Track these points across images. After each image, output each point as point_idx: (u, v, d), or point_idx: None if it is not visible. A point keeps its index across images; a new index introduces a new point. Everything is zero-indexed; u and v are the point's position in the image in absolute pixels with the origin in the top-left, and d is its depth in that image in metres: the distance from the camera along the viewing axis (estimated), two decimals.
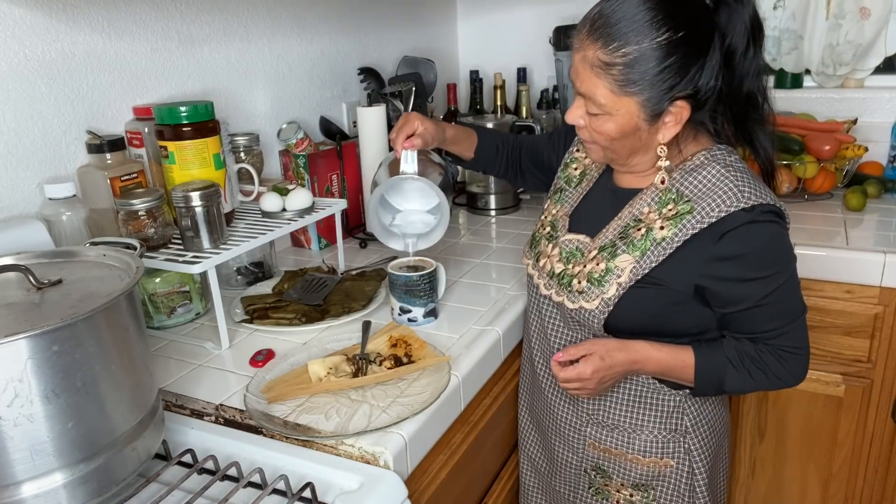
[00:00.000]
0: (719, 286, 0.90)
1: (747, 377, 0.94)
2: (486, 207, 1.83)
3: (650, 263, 0.92)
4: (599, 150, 0.97)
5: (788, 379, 0.95)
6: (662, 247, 0.91)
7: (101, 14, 1.20)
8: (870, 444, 1.57)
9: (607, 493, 1.08)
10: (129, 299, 0.75)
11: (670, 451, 1.02)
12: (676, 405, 1.01)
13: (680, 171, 0.93)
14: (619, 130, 0.90)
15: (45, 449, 0.66)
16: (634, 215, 0.96)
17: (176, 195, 1.08)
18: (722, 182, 0.89)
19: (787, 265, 0.91)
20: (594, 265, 0.96)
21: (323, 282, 1.28)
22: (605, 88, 0.87)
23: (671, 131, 0.90)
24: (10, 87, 1.08)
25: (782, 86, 2.06)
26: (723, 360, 0.94)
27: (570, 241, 1.03)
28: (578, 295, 0.97)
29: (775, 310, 0.92)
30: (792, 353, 0.94)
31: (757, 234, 0.87)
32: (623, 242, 0.95)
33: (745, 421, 1.67)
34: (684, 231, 0.89)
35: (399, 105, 1.66)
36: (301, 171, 1.56)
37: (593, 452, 1.07)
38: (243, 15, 1.51)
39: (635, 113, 0.88)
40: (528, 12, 2.29)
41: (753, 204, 0.87)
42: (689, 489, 1.04)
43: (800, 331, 0.94)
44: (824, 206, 1.75)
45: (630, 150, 0.94)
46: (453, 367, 1.02)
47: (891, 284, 1.43)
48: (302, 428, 0.88)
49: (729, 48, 0.87)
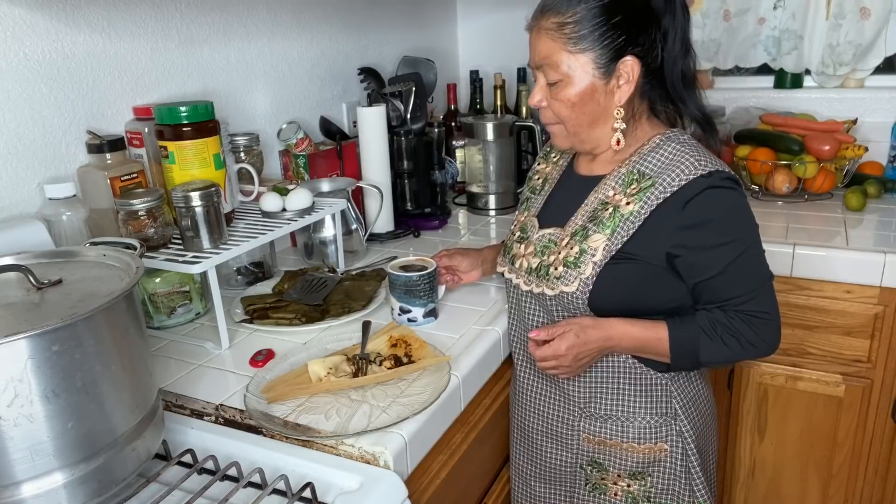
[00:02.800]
0: (687, 254, 0.95)
1: (721, 345, 0.97)
2: (486, 207, 1.84)
3: (622, 238, 0.97)
4: (563, 131, 1.02)
5: (760, 345, 0.98)
6: (631, 221, 0.96)
7: (101, 14, 1.20)
8: (870, 444, 1.57)
9: (604, 488, 1.09)
10: (129, 299, 0.75)
11: (664, 434, 1.04)
12: (664, 388, 1.04)
13: (638, 155, 1.00)
14: (579, 93, 0.97)
15: (45, 449, 0.66)
16: (600, 199, 1.01)
17: (176, 195, 1.08)
18: (679, 156, 0.96)
19: (749, 231, 0.96)
20: (568, 250, 1.01)
21: (323, 282, 1.28)
22: (561, 50, 0.95)
23: (626, 91, 0.96)
24: (10, 87, 1.08)
25: (782, 86, 2.06)
26: (695, 329, 0.97)
27: (542, 236, 1.07)
28: (557, 281, 1.01)
29: (741, 276, 0.96)
30: (760, 318, 0.97)
31: (718, 200, 0.93)
32: (593, 224, 1.00)
33: (745, 421, 1.68)
34: (649, 203, 0.95)
35: (399, 105, 1.66)
36: (301, 171, 1.56)
37: (588, 446, 1.08)
38: (243, 15, 1.51)
39: (590, 70, 0.95)
40: (528, 12, 2.27)
41: (710, 171, 0.93)
42: (685, 471, 1.06)
43: (767, 296, 0.98)
44: (824, 206, 1.75)
45: (590, 119, 0.99)
46: (453, 367, 1.02)
47: (891, 284, 1.43)
48: (302, 428, 0.88)
49: (663, 28, 0.96)
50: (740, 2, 1.99)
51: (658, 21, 0.95)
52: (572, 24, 0.94)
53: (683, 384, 1.05)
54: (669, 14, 0.95)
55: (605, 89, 0.97)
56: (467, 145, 1.87)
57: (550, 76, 0.98)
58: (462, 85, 2.38)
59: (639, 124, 1.01)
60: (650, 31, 0.95)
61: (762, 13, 1.99)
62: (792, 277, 1.51)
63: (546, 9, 0.97)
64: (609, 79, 0.96)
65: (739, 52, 2.04)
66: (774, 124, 1.86)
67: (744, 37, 2.02)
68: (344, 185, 1.50)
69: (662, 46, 0.96)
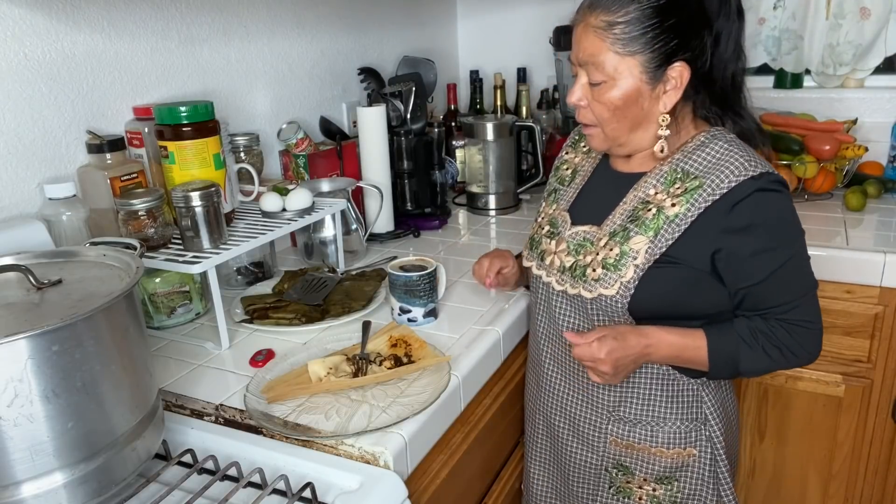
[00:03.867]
0: (731, 259, 0.91)
1: (762, 354, 0.94)
2: (486, 207, 1.83)
3: (666, 242, 0.92)
4: (600, 134, 0.98)
5: (802, 354, 0.95)
6: (676, 223, 0.92)
7: (101, 14, 1.20)
8: (870, 444, 1.57)
9: (629, 491, 1.07)
10: (129, 299, 0.75)
11: (693, 440, 1.02)
12: (695, 394, 1.01)
13: (681, 153, 0.96)
14: (623, 96, 0.92)
15: (45, 449, 0.66)
16: (641, 198, 0.97)
17: (176, 195, 1.08)
18: (728, 155, 0.92)
19: (796, 237, 0.93)
20: (607, 251, 0.96)
21: (323, 282, 1.28)
22: (608, 50, 0.90)
23: (672, 97, 0.92)
24: (10, 87, 1.08)
25: (782, 86, 2.06)
26: (735, 339, 0.94)
27: (576, 234, 1.02)
28: (595, 283, 0.96)
29: (786, 283, 0.92)
30: (804, 328, 0.94)
31: (766, 204, 0.89)
32: (634, 225, 0.95)
33: (745, 421, 1.68)
34: (697, 205, 0.91)
35: (399, 105, 1.66)
36: (301, 171, 1.56)
37: (615, 449, 1.05)
38: (243, 15, 1.51)
39: (637, 74, 0.91)
40: (528, 12, 2.29)
41: (761, 172, 0.89)
42: (713, 476, 1.03)
43: (811, 305, 0.95)
44: (824, 206, 1.75)
45: (632, 124, 0.95)
46: (453, 367, 1.02)
47: (891, 284, 1.43)
48: (302, 428, 0.88)
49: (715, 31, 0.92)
50: None
51: (711, 24, 0.91)
52: (623, 24, 0.89)
53: (713, 390, 1.03)
54: (724, 16, 0.91)
55: (651, 95, 0.92)
56: (467, 145, 1.87)
57: (594, 76, 0.93)
58: (462, 85, 2.38)
59: (682, 124, 0.97)
60: (703, 35, 0.90)
61: (762, 13, 1.99)
62: None
63: (596, 4, 0.91)
64: (656, 84, 0.91)
65: None
66: (774, 124, 1.86)
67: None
68: (344, 185, 1.50)
69: (713, 51, 0.92)
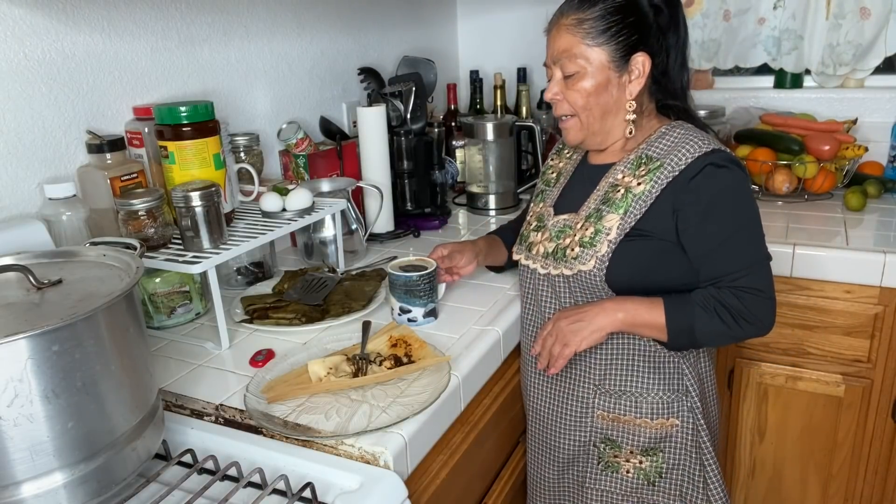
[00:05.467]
0: (689, 229, 1.00)
1: (715, 318, 0.99)
2: (486, 207, 1.83)
3: (635, 216, 1.02)
4: (577, 124, 1.08)
5: (755, 321, 1.00)
6: (643, 200, 1.02)
7: (101, 14, 1.20)
8: (870, 444, 1.57)
9: (616, 465, 1.12)
10: (129, 299, 0.75)
11: (675, 410, 1.08)
12: (676, 366, 1.09)
13: (646, 143, 1.07)
14: (595, 85, 1.04)
15: (45, 449, 0.66)
16: (611, 183, 1.07)
17: (176, 195, 1.08)
18: (685, 139, 1.03)
19: (745, 209, 1.01)
20: (584, 232, 1.06)
21: (323, 282, 1.28)
22: (580, 43, 1.03)
23: (636, 86, 1.04)
24: (10, 87, 1.08)
25: (782, 86, 2.06)
26: (690, 302, 1.01)
27: (557, 222, 1.13)
28: (574, 261, 1.06)
29: (735, 253, 1.00)
30: (753, 295, 1.00)
31: (715, 177, 0.99)
32: (606, 206, 1.06)
33: (745, 421, 1.68)
34: (659, 182, 1.01)
35: (399, 105, 1.66)
36: (301, 171, 1.56)
37: (602, 423, 1.11)
38: (243, 15, 1.51)
39: (606, 63, 1.03)
40: (528, 12, 2.29)
41: (713, 148, 1.00)
42: (696, 446, 1.09)
43: (762, 275, 1.01)
44: (824, 206, 1.75)
45: (602, 111, 1.05)
46: (453, 367, 1.02)
47: (891, 284, 1.43)
48: (302, 428, 0.88)
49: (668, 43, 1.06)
50: (740, 2, 1.99)
51: (665, 32, 1.04)
52: (591, 20, 1.02)
53: (693, 362, 1.10)
54: (674, 32, 1.05)
55: (619, 83, 1.04)
56: (467, 145, 1.87)
57: (568, 68, 1.04)
58: (462, 85, 2.38)
59: (647, 119, 1.09)
60: (659, 37, 1.04)
61: (762, 13, 1.99)
62: (792, 277, 1.51)
63: (566, 9, 1.06)
64: (622, 73, 1.03)
65: (739, 52, 2.04)
66: (774, 124, 1.87)
67: (744, 37, 2.02)
68: (344, 185, 1.50)
69: (668, 53, 1.06)
